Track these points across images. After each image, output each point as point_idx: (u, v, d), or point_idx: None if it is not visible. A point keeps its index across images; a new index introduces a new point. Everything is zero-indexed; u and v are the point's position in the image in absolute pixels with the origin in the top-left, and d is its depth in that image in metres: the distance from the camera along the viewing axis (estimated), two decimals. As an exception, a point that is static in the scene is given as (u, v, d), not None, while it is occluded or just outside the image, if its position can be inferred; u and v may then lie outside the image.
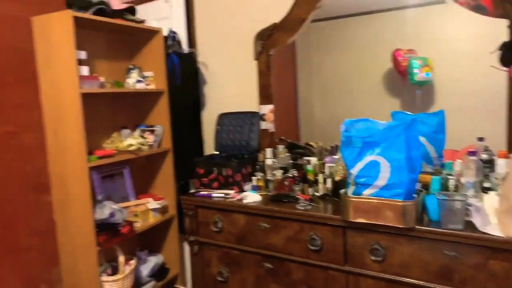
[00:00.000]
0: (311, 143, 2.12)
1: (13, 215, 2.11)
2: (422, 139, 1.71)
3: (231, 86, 2.29)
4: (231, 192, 1.92)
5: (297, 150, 2.07)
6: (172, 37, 2.19)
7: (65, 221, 1.94)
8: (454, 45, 1.82)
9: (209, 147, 2.36)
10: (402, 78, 1.94)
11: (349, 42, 2.09)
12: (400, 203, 1.38)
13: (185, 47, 2.29)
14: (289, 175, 1.85)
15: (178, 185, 2.31)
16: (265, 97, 2.13)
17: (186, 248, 2.46)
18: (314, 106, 2.28)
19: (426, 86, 1.90)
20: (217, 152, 2.21)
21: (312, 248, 1.59)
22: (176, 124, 2.26)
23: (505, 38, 1.54)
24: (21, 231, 2.14)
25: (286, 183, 1.82)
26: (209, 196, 1.92)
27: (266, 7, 2.11)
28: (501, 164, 1.44)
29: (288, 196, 1.76)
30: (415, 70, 1.88)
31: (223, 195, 1.91)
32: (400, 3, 1.90)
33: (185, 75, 2.23)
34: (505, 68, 1.51)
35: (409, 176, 1.39)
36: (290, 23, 2.00)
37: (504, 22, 1.56)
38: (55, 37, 1.77)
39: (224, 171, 1.97)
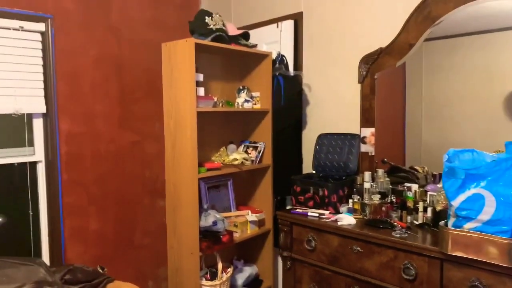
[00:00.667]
0: (416, 167, 2.17)
1: (133, 216, 2.57)
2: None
3: (333, 108, 2.46)
4: (326, 212, 2.07)
5: (401, 174, 2.14)
6: (280, 60, 2.46)
7: (174, 225, 2.28)
8: None
9: (308, 166, 2.55)
10: None
11: (464, 63, 2.09)
12: (506, 241, 1.39)
13: (291, 70, 2.53)
14: (387, 200, 1.93)
15: (275, 200, 2.54)
16: (367, 120, 2.25)
17: (280, 262, 2.67)
18: (423, 130, 2.31)
19: None
20: (315, 172, 2.38)
21: (406, 277, 1.66)
22: (278, 142, 2.50)
23: None
24: (138, 231, 2.60)
25: (383, 208, 1.91)
26: (305, 214, 2.10)
27: (372, 31, 2.25)
28: None
29: (385, 222, 1.85)
30: None
31: (318, 214, 2.07)
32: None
33: (289, 96, 2.47)
34: None
35: (514, 213, 1.40)
36: (397, 48, 2.11)
37: None
38: (178, 60, 2.15)
39: (320, 191, 2.13)
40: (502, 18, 1.93)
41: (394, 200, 1.94)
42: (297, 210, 2.17)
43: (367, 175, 2.08)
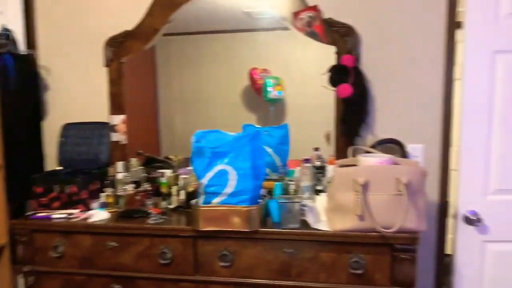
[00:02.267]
0: (171, 157, 2.25)
1: None
2: (269, 149, 2.00)
3: (79, 94, 2.27)
4: (75, 211, 1.90)
5: (157, 164, 2.17)
6: (5, 35, 2.09)
7: None
8: (299, 66, 2.19)
9: (53, 162, 2.28)
10: (258, 95, 2.22)
11: (208, 57, 2.31)
12: (245, 209, 1.60)
13: (22, 48, 2.20)
14: (141, 189, 1.93)
15: (11, 207, 2.16)
16: (116, 107, 2.18)
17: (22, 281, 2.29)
18: (175, 119, 2.41)
19: (279, 103, 2.22)
20: (61, 168, 2.15)
21: (163, 262, 1.70)
22: (9, 135, 2.12)
23: (333, 62, 1.94)
24: None
25: (138, 197, 1.89)
26: (48, 218, 1.86)
27: (119, 11, 2.19)
28: (330, 170, 1.79)
29: (140, 211, 1.84)
30: (269, 89, 2.18)
31: (65, 215, 1.87)
32: (252, 25, 2.19)
33: (21, 80, 2.13)
34: (333, 88, 1.90)
35: (254, 183, 1.63)
36: (143, 32, 2.12)
37: (333, 49, 1.96)
38: None
39: (67, 189, 1.94)
40: (236, 21, 2.22)
41: (149, 188, 1.95)
42: (39, 214, 1.91)
43: (120, 165, 2.01)
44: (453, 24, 1.89)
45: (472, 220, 1.84)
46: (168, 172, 2.00)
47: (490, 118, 1.80)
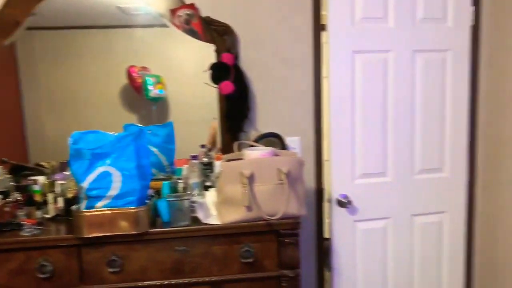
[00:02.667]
0: (43, 163, 2.06)
1: None
2: (154, 149, 1.98)
3: None
4: None
5: (26, 173, 1.97)
6: None
7: None
8: (181, 64, 2.18)
9: None
10: (138, 94, 2.16)
11: (80, 54, 2.15)
12: (132, 210, 1.56)
13: None
14: (11, 199, 1.74)
15: None
16: (-28, 111, 1.93)
17: None
18: (45, 122, 2.21)
19: (161, 102, 2.19)
20: None
21: (43, 276, 1.56)
22: None
23: (213, 60, 2.00)
24: None
25: (7, 209, 1.70)
26: None
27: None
28: (217, 165, 1.85)
29: (10, 224, 1.66)
30: (150, 87, 2.14)
31: None
32: (127, 21, 2.12)
33: None
34: (215, 85, 1.96)
35: (141, 184, 1.60)
36: (1, 25, 1.91)
37: (212, 47, 2.02)
38: None
39: None
40: (109, 16, 2.12)
41: (21, 198, 1.77)
42: None
43: (-19, 175, 1.79)
44: (318, 27, 2.10)
45: (344, 203, 2.08)
46: (41, 179, 1.84)
47: (353, 111, 2.06)
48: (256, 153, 1.72)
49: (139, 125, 2.07)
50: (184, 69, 2.18)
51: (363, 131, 2.08)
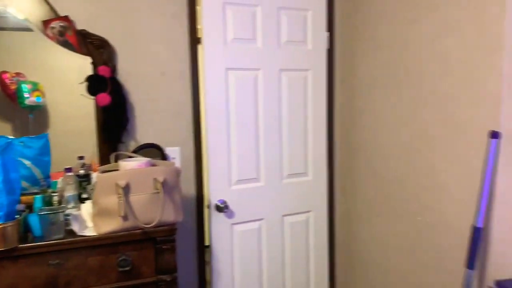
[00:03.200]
0: None
1: None
2: (27, 162, 1.93)
3: None
4: None
5: None
6: None
7: None
8: (59, 73, 2.10)
9: None
10: (12, 102, 2.05)
11: None
12: (0, 226, 1.53)
13: None
14: None
15: None
16: None
17: None
18: None
19: (39, 111, 2.09)
20: None
21: None
22: None
23: (90, 72, 2.03)
24: None
25: None
26: None
27: None
28: (94, 177, 1.88)
29: None
30: (25, 94, 2.04)
31: None
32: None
33: None
34: (92, 97, 1.99)
35: (9, 198, 1.57)
36: None
37: (89, 59, 2.05)
38: None
39: None
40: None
41: None
42: None
43: None
44: (195, 41, 2.25)
45: (221, 208, 2.26)
46: None
47: (228, 123, 2.25)
48: (132, 164, 1.80)
49: (12, 136, 1.99)
50: (63, 78, 2.11)
51: (238, 141, 2.28)
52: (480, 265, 1.60)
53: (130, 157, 1.98)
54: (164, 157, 2.22)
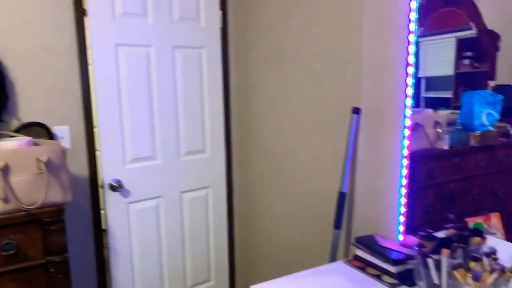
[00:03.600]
0: None
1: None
2: None
3: None
4: None
5: None
6: None
7: None
8: None
9: None
10: None
11: None
12: None
13: None
14: None
15: None
16: None
17: None
18: None
19: None
20: None
21: None
22: None
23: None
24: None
25: None
26: None
27: None
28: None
29: None
30: None
31: None
32: None
33: None
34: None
35: None
36: None
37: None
38: None
39: None
40: None
41: None
42: None
43: None
44: (81, 12, 2.13)
45: (116, 187, 2.26)
46: None
47: (120, 100, 2.23)
48: (12, 144, 1.72)
49: None
50: None
51: (131, 119, 2.28)
52: (346, 226, 1.83)
53: (12, 136, 1.90)
54: (51, 136, 2.14)
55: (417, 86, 1.66)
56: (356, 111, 1.66)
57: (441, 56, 1.76)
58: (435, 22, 1.72)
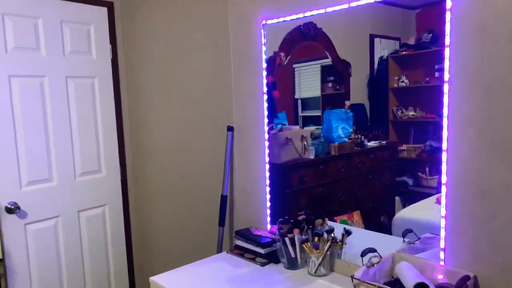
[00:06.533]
0: None
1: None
2: None
3: None
4: None
5: None
6: None
7: None
8: None
9: None
10: None
11: None
12: None
13: None
14: None
15: None
16: None
17: None
18: None
19: None
20: None
21: None
22: None
23: None
24: None
25: None
26: None
27: None
28: None
29: None
30: None
31: None
32: None
33: None
34: None
35: None
36: None
37: None
38: None
39: None
40: None
41: None
42: None
43: None
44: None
45: (12, 209, 2.33)
46: None
47: (14, 126, 2.33)
48: None
49: None
50: None
51: (26, 144, 2.38)
52: (229, 222, 2.20)
53: None
54: None
55: (294, 106, 2.01)
56: (230, 128, 2.04)
57: (311, 80, 2.10)
58: (300, 52, 2.05)
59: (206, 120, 2.24)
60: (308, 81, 2.04)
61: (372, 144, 1.97)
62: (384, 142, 1.92)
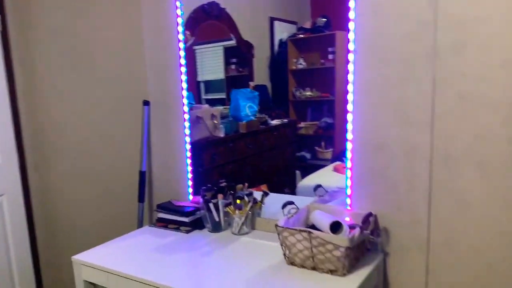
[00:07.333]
0: None
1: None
2: None
3: None
4: None
5: None
6: None
7: None
8: None
9: None
10: None
11: None
12: None
13: None
14: None
15: None
16: None
17: None
18: None
19: None
20: None
21: None
22: None
23: None
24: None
25: None
26: None
27: None
28: None
29: None
30: None
31: None
32: None
33: None
34: None
35: None
36: None
37: None
38: None
39: None
40: None
41: None
42: None
43: None
44: None
45: None
46: None
47: None
48: None
49: None
50: None
51: None
52: (148, 198, 2.19)
53: None
54: None
55: (197, 89, 2.05)
56: (146, 103, 2.02)
57: (214, 62, 2.16)
58: (204, 33, 2.08)
59: (120, 96, 2.17)
60: (211, 64, 2.10)
61: (275, 122, 2.11)
62: (286, 120, 2.07)
